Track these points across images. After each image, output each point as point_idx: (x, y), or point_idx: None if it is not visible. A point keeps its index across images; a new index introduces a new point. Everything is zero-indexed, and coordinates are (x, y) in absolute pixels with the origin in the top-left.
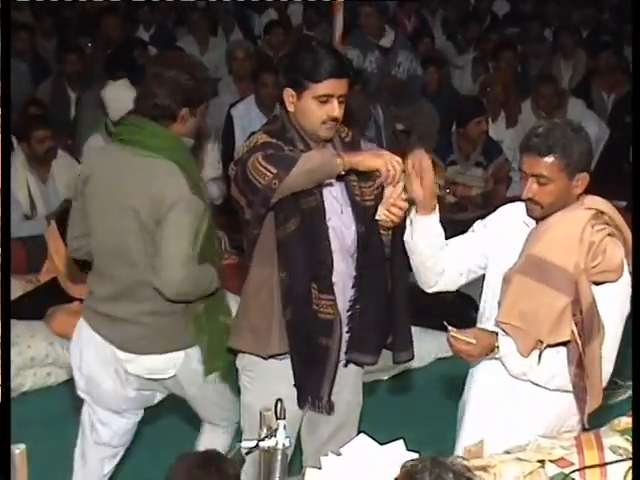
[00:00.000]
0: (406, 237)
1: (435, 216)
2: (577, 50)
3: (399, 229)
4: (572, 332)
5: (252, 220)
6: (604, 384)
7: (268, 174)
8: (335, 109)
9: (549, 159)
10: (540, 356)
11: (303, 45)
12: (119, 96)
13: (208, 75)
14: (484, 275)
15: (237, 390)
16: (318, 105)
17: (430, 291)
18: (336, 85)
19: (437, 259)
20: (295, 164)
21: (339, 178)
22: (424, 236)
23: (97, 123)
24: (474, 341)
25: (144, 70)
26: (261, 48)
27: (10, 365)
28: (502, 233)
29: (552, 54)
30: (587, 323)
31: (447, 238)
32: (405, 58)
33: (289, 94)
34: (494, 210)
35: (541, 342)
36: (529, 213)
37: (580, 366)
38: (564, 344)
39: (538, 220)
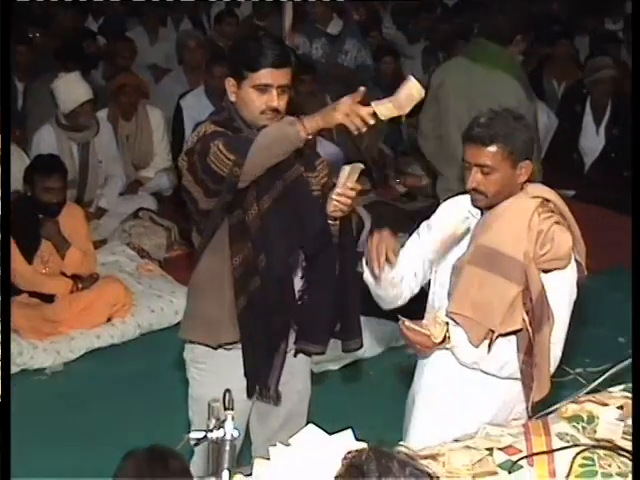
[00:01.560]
0: (365, 277)
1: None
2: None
3: (348, 219)
4: (523, 320)
5: (217, 208)
6: (553, 369)
7: (228, 162)
8: (274, 99)
9: (492, 148)
10: (490, 345)
11: (248, 35)
12: (71, 89)
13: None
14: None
15: None
16: (257, 95)
17: (391, 307)
18: (275, 75)
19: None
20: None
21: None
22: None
23: (48, 114)
24: (428, 332)
25: (93, 60)
26: (211, 38)
27: (10, 365)
28: (447, 227)
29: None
30: (537, 311)
31: (398, 227)
32: (353, 46)
33: (230, 83)
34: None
35: (492, 331)
36: (474, 203)
37: (529, 354)
38: (514, 332)
39: (483, 210)
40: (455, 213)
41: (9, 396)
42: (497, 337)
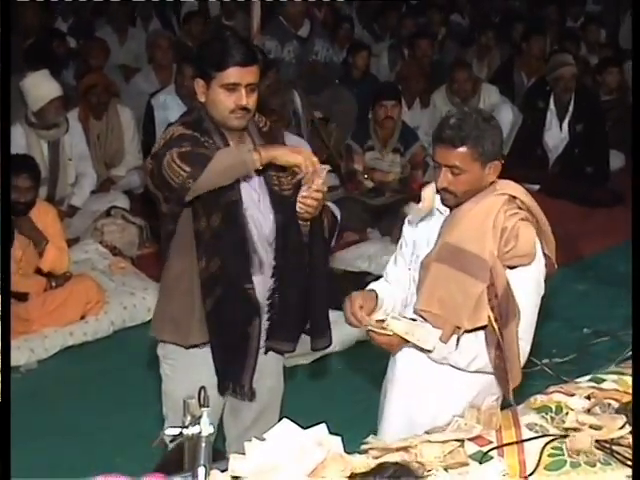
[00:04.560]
0: None
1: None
2: (492, 49)
3: (319, 218)
4: (489, 317)
5: (168, 215)
6: (522, 363)
7: (182, 173)
8: (242, 98)
9: (462, 150)
10: (458, 341)
11: (214, 35)
12: (39, 86)
13: None
14: None
15: None
16: (226, 94)
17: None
18: (242, 73)
19: (392, 299)
20: (209, 163)
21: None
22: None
23: (17, 113)
24: (390, 333)
25: (63, 61)
26: (181, 38)
27: (10, 363)
28: (418, 232)
29: (467, 45)
30: (503, 307)
31: (366, 222)
32: (322, 47)
33: (199, 84)
34: (410, 195)
35: (459, 328)
36: (444, 202)
37: (499, 348)
38: (482, 327)
39: (452, 208)
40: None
41: (9, 396)
42: (463, 333)
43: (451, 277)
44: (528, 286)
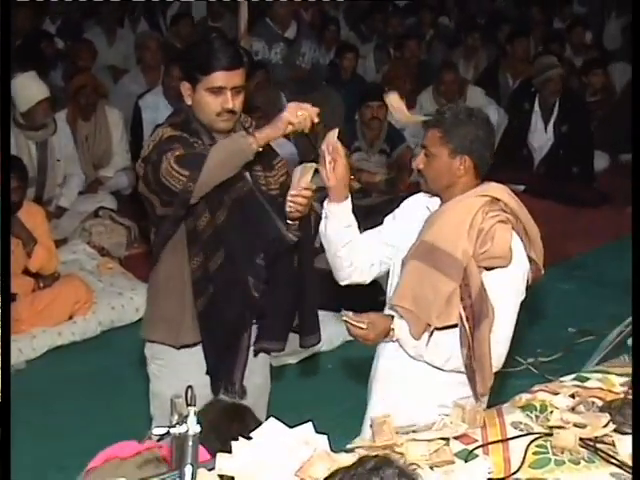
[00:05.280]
0: (320, 228)
1: (346, 205)
2: (479, 51)
3: (307, 217)
4: (460, 316)
5: (170, 219)
6: (497, 366)
7: (182, 178)
8: (228, 101)
9: (432, 131)
10: (430, 338)
11: (199, 38)
12: (27, 88)
13: None
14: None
15: None
16: (212, 97)
17: (344, 284)
18: (228, 77)
19: (349, 250)
20: (205, 161)
21: (244, 168)
22: (335, 225)
23: None
24: (364, 326)
25: (51, 62)
26: (169, 39)
27: (10, 364)
28: (408, 220)
29: (454, 46)
30: (476, 307)
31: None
32: (309, 48)
33: (185, 87)
34: (397, 196)
35: (429, 325)
36: (421, 187)
37: (470, 348)
38: (455, 326)
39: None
40: (417, 204)
41: (9, 396)
42: (433, 331)
43: (424, 274)
44: (505, 288)
